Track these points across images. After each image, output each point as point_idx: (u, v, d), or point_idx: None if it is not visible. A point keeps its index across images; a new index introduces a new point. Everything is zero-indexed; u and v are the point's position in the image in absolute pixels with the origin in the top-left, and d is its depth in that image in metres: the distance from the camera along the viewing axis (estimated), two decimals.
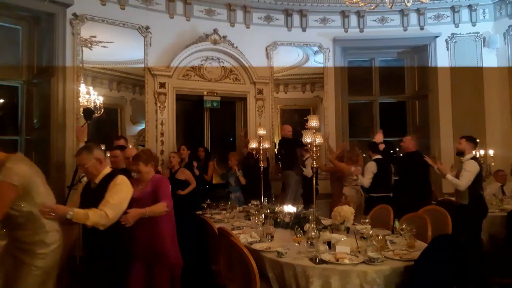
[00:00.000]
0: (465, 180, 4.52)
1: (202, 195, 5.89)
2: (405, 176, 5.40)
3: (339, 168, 6.16)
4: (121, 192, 2.86)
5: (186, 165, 6.05)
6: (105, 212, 2.71)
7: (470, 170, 4.53)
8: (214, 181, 6.90)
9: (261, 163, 4.99)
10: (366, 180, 5.51)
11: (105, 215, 2.70)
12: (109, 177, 2.93)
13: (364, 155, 6.65)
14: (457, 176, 4.69)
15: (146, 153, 3.76)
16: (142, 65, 6.45)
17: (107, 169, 3.00)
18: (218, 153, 7.30)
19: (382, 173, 5.52)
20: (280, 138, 7.04)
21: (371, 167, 5.56)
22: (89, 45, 5.99)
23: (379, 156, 5.60)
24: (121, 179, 2.92)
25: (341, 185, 6.19)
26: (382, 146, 5.55)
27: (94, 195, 2.87)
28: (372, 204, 4.86)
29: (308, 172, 6.14)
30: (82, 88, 5.87)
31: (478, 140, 5.32)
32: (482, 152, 5.81)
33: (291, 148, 6.36)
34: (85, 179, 3.27)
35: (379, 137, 5.64)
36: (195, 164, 6.06)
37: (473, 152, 4.77)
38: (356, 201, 5.70)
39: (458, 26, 7.42)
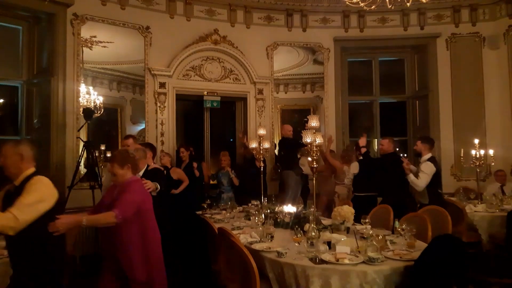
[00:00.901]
0: (423, 181, 4.88)
1: (200, 196, 5.88)
2: (383, 175, 5.48)
3: (333, 165, 6.23)
4: (36, 192, 2.48)
5: (186, 166, 6.04)
6: (13, 214, 2.35)
7: (426, 172, 4.86)
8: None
9: (260, 163, 4.99)
10: (346, 179, 5.77)
11: (13, 217, 2.34)
12: (29, 178, 2.57)
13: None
14: (416, 176, 4.96)
15: (122, 153, 3.29)
16: (142, 65, 6.46)
17: (30, 170, 2.62)
18: (218, 153, 7.28)
19: (365, 173, 5.58)
20: (280, 138, 7.04)
21: (353, 167, 5.69)
22: (89, 45, 6.00)
23: (430, 154, 5.58)
24: (38, 179, 2.55)
25: (328, 184, 6.28)
26: (363, 150, 5.60)
27: (12, 199, 2.48)
28: (356, 203, 4.97)
29: (307, 170, 6.22)
30: (82, 88, 5.88)
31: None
32: (482, 152, 5.79)
33: (291, 149, 6.36)
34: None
35: (362, 141, 5.66)
36: (194, 165, 6.06)
37: (430, 153, 5.03)
38: (346, 199, 5.82)
39: (458, 26, 7.41)
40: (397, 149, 6.55)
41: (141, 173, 4.12)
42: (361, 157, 5.74)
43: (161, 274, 3.23)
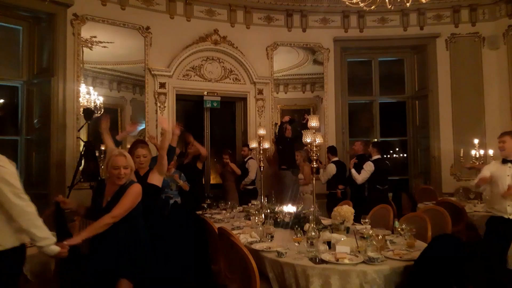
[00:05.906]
0: (361, 176, 5.83)
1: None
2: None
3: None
4: None
5: None
6: None
7: (366, 169, 5.81)
8: None
9: (259, 164, 4.99)
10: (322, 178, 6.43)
11: None
12: None
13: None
14: None
15: None
16: (142, 65, 6.46)
17: None
18: (218, 153, 7.28)
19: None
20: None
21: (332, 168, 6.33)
22: (90, 45, 6.00)
23: (336, 158, 6.45)
24: None
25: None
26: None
27: None
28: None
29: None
30: (82, 88, 5.88)
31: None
32: (482, 152, 5.79)
33: (288, 146, 6.37)
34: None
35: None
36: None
37: (379, 155, 5.96)
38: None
39: (458, 26, 7.42)
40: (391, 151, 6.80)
41: None
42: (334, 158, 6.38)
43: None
